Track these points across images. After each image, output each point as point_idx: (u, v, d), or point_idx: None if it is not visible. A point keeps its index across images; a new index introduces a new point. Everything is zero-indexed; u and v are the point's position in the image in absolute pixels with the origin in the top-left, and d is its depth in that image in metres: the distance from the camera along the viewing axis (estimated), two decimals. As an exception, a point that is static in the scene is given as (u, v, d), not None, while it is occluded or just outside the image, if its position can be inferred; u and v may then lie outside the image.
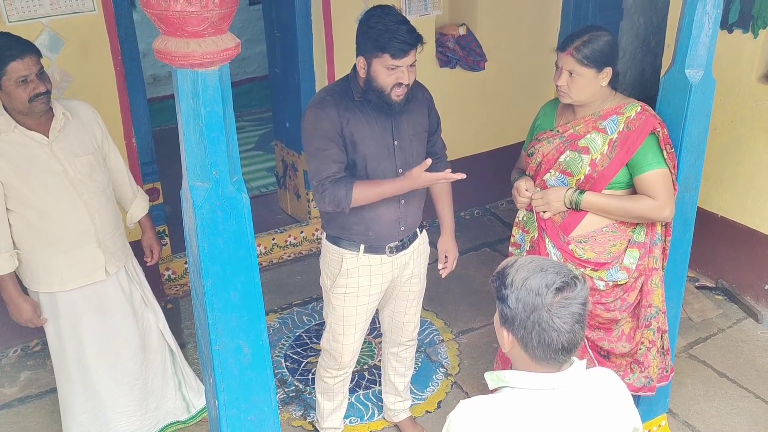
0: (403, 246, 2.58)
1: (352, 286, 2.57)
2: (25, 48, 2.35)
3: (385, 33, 2.24)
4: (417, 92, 2.49)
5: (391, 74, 2.29)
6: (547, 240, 2.48)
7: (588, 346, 2.51)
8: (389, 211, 2.49)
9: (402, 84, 2.31)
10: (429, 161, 2.31)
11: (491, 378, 1.48)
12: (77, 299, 2.61)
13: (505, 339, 1.45)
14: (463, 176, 2.29)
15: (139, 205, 2.83)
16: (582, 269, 2.42)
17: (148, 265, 2.91)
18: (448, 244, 2.73)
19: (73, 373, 2.71)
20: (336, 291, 2.59)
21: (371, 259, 2.54)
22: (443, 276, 2.74)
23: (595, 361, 2.51)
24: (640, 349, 2.53)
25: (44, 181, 2.45)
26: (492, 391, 1.50)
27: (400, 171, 2.46)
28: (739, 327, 3.74)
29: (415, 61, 2.33)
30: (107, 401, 2.77)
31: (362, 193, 2.34)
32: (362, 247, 2.52)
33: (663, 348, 2.57)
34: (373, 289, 2.60)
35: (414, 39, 2.27)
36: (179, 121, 1.53)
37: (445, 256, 2.73)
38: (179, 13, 1.35)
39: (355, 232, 2.50)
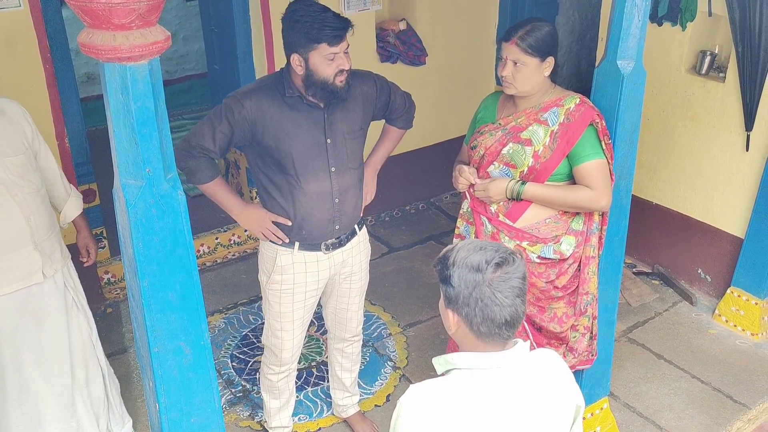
0: (339, 243, 2.56)
1: (287, 283, 2.54)
2: None
3: (314, 23, 2.22)
4: (355, 87, 2.46)
5: (331, 63, 2.28)
6: (481, 217, 2.52)
7: (523, 319, 2.56)
8: (322, 211, 2.46)
9: (344, 70, 2.31)
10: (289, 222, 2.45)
11: (439, 362, 1.50)
12: (12, 304, 2.49)
13: (451, 320, 1.47)
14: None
15: (72, 204, 2.72)
16: (517, 242, 2.47)
17: (85, 265, 2.82)
18: (366, 175, 2.66)
19: (9, 382, 2.58)
20: (271, 287, 2.56)
21: (306, 256, 2.52)
22: (361, 215, 2.66)
23: (529, 333, 2.56)
24: (575, 336, 2.60)
25: None
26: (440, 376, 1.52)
27: (333, 169, 2.43)
28: (675, 310, 3.88)
29: (348, 46, 2.32)
30: (46, 415, 2.66)
31: (215, 190, 2.47)
32: (297, 244, 2.50)
33: (592, 333, 2.64)
34: (309, 285, 2.58)
35: (344, 23, 2.27)
36: (109, 118, 1.48)
37: None
38: (104, 5, 1.31)
39: (288, 229, 2.48)
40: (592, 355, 2.67)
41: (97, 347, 2.80)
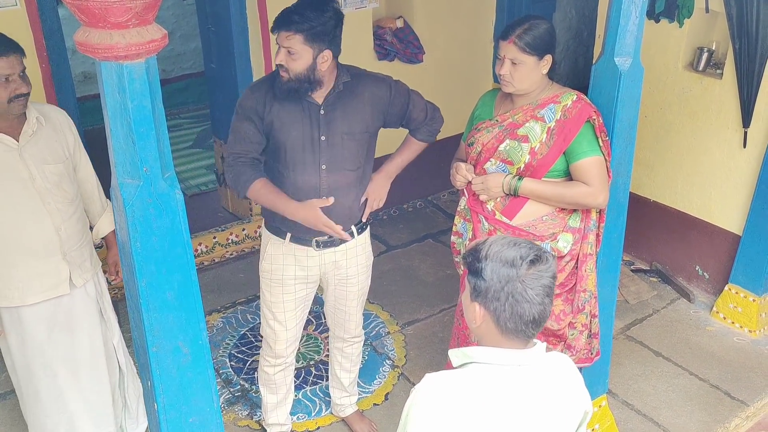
0: (332, 243, 2.55)
1: (276, 273, 2.58)
2: (9, 46, 2.22)
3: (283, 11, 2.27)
4: (364, 89, 2.44)
5: (278, 51, 2.30)
6: (478, 215, 2.52)
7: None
8: None
9: (280, 64, 2.30)
10: (332, 200, 2.36)
11: (456, 354, 1.49)
12: (41, 314, 2.45)
13: (477, 313, 1.46)
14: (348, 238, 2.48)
15: (106, 219, 2.67)
16: None
17: (112, 282, 2.79)
18: (377, 181, 2.59)
19: (43, 390, 2.54)
20: (263, 275, 2.62)
21: (297, 249, 2.54)
22: (363, 219, 2.62)
23: None
24: (572, 333, 2.59)
25: (8, 187, 2.29)
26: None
27: (324, 167, 2.42)
28: (673, 307, 3.88)
29: (294, 51, 2.24)
30: (82, 421, 2.63)
31: (258, 194, 2.40)
32: (288, 235, 2.53)
33: (591, 331, 2.64)
34: (299, 279, 2.60)
35: (290, 22, 2.21)
36: (105, 117, 1.47)
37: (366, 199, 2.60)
38: (101, 4, 1.30)
39: (281, 220, 2.49)
40: (593, 354, 2.66)
41: (119, 349, 2.77)
